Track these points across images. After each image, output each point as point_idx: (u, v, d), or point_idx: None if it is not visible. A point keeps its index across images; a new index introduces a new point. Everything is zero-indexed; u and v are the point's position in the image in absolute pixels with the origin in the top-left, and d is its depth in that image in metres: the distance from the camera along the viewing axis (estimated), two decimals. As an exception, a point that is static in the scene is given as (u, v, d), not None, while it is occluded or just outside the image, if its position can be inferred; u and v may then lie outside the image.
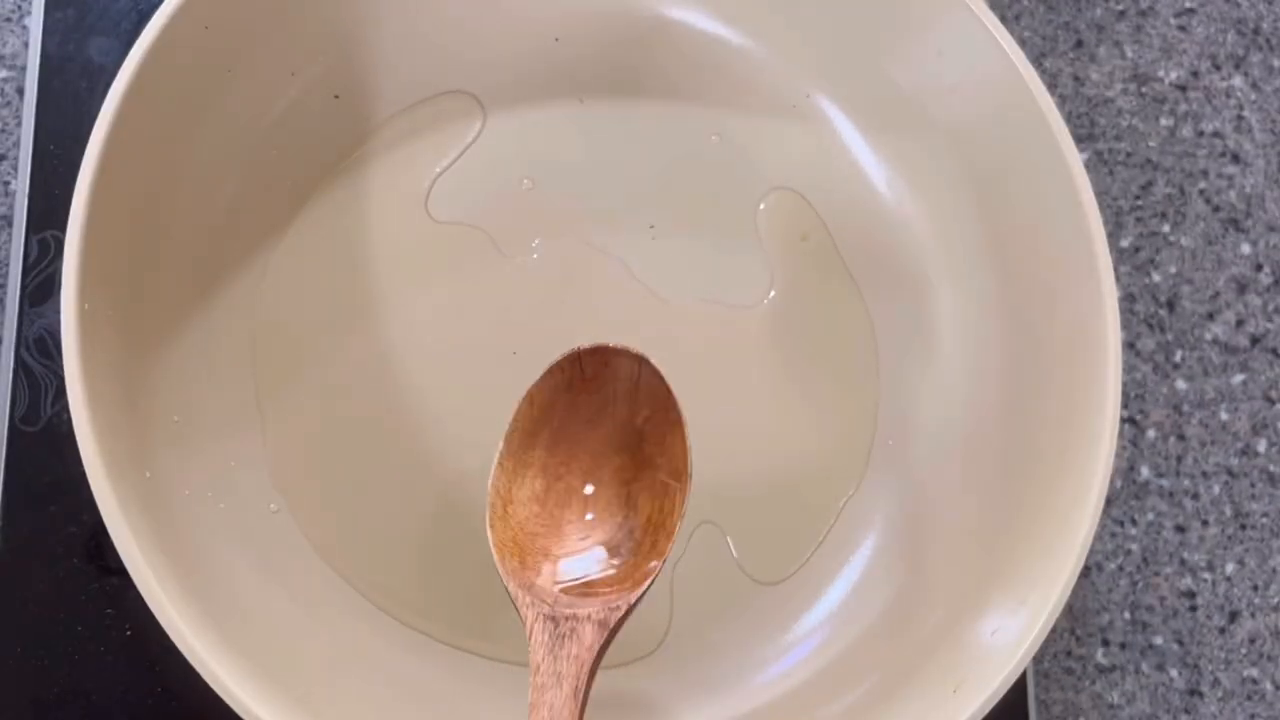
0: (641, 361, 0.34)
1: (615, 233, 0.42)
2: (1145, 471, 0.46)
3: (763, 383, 0.41)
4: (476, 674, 0.38)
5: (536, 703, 0.31)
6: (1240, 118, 0.48)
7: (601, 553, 0.35)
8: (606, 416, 0.35)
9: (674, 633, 0.40)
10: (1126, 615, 0.45)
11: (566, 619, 0.32)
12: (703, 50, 0.43)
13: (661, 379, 0.34)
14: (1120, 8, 0.49)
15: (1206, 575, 0.45)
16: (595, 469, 0.35)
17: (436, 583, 0.39)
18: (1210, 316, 0.47)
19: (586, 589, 0.34)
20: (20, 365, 0.41)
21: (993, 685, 0.34)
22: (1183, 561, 0.45)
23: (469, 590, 0.39)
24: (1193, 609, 0.45)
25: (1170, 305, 0.47)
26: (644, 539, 0.34)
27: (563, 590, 0.34)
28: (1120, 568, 0.45)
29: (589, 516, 0.35)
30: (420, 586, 0.39)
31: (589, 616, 0.32)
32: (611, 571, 0.34)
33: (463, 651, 0.38)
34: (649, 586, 0.33)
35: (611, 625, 0.32)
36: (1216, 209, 0.48)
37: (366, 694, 0.37)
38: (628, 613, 0.33)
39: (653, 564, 0.33)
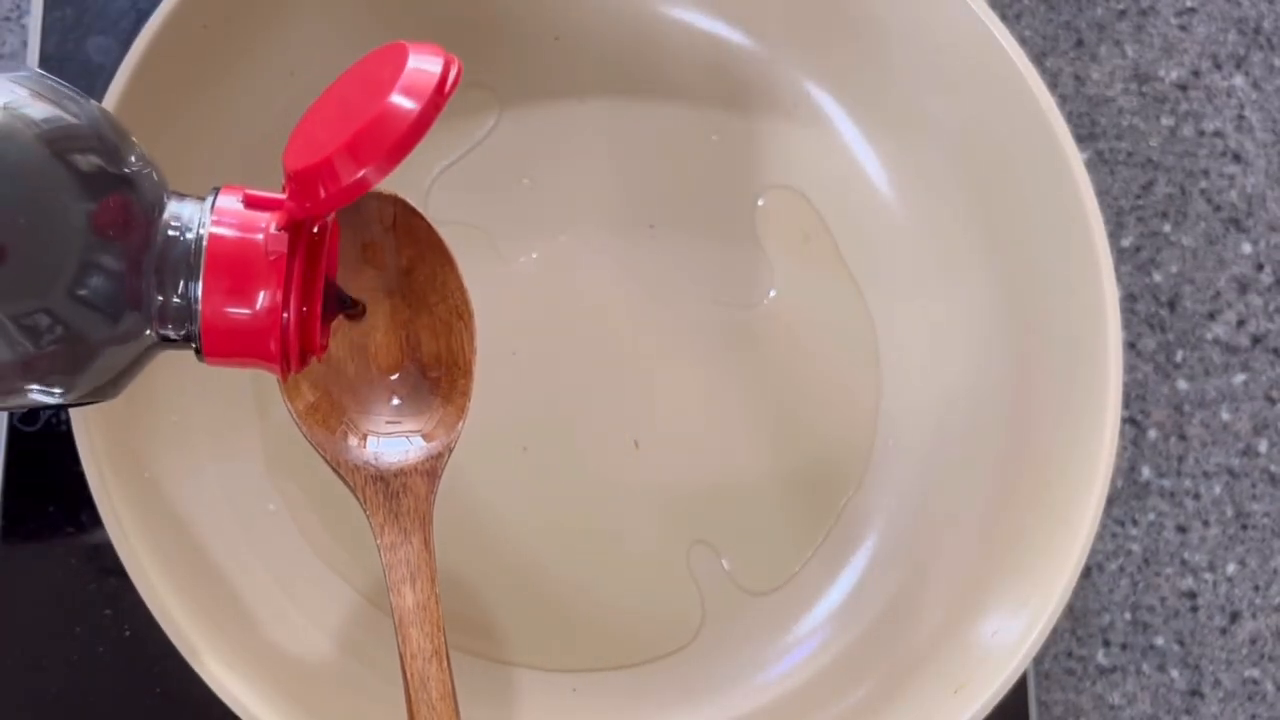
0: (396, 202, 0.34)
1: (615, 233, 0.42)
2: (1146, 471, 0.46)
3: (763, 383, 0.41)
4: (478, 675, 0.38)
5: (392, 562, 0.32)
6: (1241, 117, 0.48)
7: (400, 402, 0.34)
8: (367, 262, 0.35)
9: (704, 631, 0.40)
10: (1127, 616, 0.45)
11: (396, 475, 0.33)
12: (703, 50, 0.43)
13: (420, 217, 0.34)
14: (1121, 7, 0.49)
15: (1208, 575, 0.45)
16: (369, 315, 0.35)
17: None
18: (1211, 316, 0.47)
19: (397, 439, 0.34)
20: (19, 365, 0.41)
21: (994, 686, 0.34)
22: (1184, 562, 0.45)
23: (468, 590, 0.39)
24: (1194, 609, 0.45)
25: (1171, 305, 0.47)
26: (442, 379, 0.34)
27: (375, 447, 0.34)
28: (1121, 568, 0.45)
29: (373, 364, 0.35)
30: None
31: (416, 469, 0.33)
32: (415, 422, 0.34)
33: (463, 653, 0.38)
34: (461, 428, 0.33)
35: (439, 474, 0.33)
36: (1218, 208, 0.47)
37: (366, 695, 0.37)
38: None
39: (460, 403, 0.34)
